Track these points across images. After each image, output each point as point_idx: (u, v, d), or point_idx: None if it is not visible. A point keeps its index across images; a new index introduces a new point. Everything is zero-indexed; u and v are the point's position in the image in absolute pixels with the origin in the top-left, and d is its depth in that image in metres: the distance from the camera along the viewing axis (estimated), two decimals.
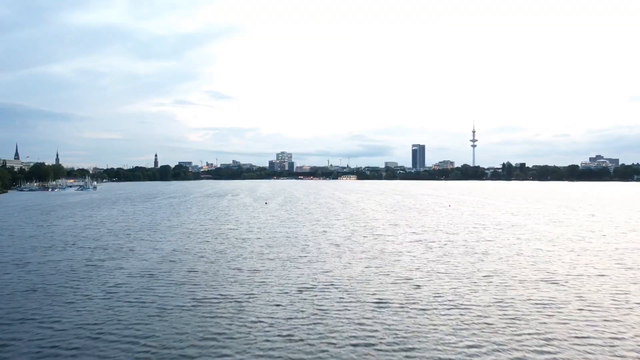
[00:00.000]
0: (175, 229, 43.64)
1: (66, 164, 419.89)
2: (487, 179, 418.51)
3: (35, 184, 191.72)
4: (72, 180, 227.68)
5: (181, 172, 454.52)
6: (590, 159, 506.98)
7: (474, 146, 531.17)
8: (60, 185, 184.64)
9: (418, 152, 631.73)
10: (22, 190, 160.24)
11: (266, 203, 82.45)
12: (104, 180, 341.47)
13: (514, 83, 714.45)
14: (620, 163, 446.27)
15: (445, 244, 33.19)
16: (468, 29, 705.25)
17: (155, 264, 26.42)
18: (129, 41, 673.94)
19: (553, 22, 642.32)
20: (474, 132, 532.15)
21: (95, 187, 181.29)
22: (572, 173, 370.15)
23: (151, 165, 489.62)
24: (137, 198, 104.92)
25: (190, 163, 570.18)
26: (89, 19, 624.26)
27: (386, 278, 22.77)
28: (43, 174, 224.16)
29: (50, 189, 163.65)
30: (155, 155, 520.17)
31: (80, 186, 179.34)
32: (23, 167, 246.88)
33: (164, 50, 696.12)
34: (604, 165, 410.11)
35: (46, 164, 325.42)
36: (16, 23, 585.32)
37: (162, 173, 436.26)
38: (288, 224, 47.43)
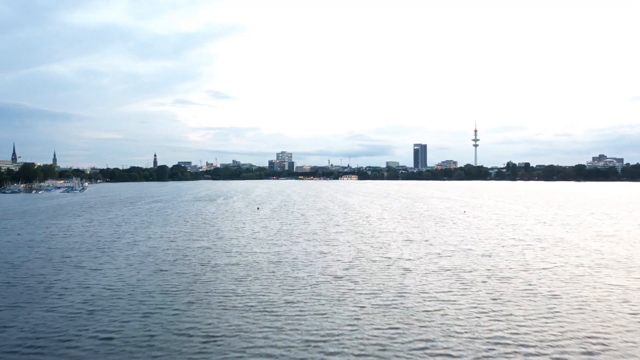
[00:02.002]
0: (134, 247, 34.58)
1: (65, 164, 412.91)
2: (491, 179, 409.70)
3: (21, 186, 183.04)
4: (61, 182, 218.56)
5: (179, 172, 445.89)
6: (594, 158, 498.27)
7: (475, 145, 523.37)
8: (46, 186, 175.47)
9: (420, 152, 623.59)
10: (4, 192, 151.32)
11: (258, 208, 73.44)
12: (99, 180, 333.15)
13: (515, 82, 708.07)
14: (625, 162, 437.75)
15: (488, 277, 24.08)
16: (469, 28, 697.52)
17: (68, 317, 17.38)
18: (129, 41, 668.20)
19: (554, 22, 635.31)
20: (475, 131, 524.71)
21: (83, 189, 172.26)
22: (579, 173, 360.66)
23: (151, 165, 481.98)
24: (120, 202, 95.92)
25: (189, 163, 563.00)
26: (90, 18, 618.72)
27: (418, 355, 13.72)
28: (31, 175, 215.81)
29: (34, 191, 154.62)
30: (155, 155, 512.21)
31: (68, 187, 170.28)
32: (12, 168, 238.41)
33: (165, 49, 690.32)
34: (611, 164, 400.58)
35: (40, 164, 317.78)
36: (16, 22, 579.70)
37: (159, 173, 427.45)
38: (278, 239, 38.37)
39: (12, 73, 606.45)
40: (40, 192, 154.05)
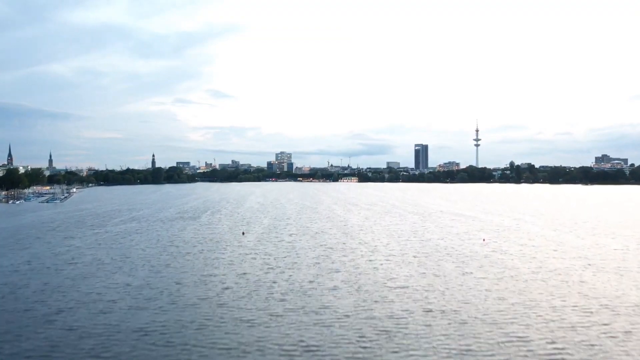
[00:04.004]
0: (49, 325, 24.28)
1: (64, 164, 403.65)
2: (494, 181, 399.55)
3: (2, 193, 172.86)
4: (47, 188, 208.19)
5: (175, 175, 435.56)
6: (597, 158, 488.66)
7: (477, 145, 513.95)
8: (26, 195, 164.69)
9: (421, 152, 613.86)
10: None
11: (243, 233, 63.23)
12: (90, 184, 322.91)
13: (515, 81, 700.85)
14: (629, 163, 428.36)
15: None
16: (469, 28, 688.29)
17: None
18: (129, 40, 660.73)
19: (554, 22, 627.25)
20: (477, 131, 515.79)
21: (66, 198, 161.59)
22: (586, 175, 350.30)
23: (149, 165, 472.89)
24: (92, 219, 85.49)
25: (188, 163, 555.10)
26: (90, 17, 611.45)
27: None
28: (15, 181, 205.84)
29: (11, 201, 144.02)
30: (153, 156, 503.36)
31: (50, 197, 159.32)
32: None
33: (165, 49, 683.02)
34: (618, 167, 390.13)
35: (29, 167, 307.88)
36: (16, 22, 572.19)
37: (155, 176, 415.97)
38: (250, 307, 28.14)
39: (11, 73, 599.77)
40: (18, 202, 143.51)
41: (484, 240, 56.07)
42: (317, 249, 49.99)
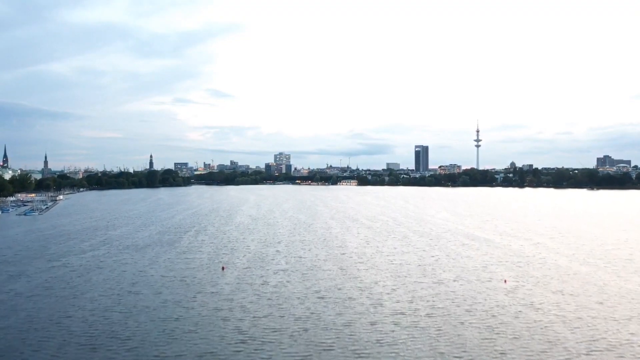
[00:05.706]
0: None
1: (62, 164, 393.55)
2: (497, 184, 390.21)
3: None
4: (33, 195, 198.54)
5: (170, 178, 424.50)
6: (599, 160, 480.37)
7: (478, 146, 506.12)
8: (5, 205, 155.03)
9: (421, 154, 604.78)
10: None
11: (223, 268, 54.18)
12: (82, 189, 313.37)
13: (515, 80, 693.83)
14: (632, 165, 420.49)
15: None
16: (469, 27, 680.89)
17: None
18: (129, 39, 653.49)
19: (554, 21, 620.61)
20: (477, 131, 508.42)
21: (48, 208, 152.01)
22: (591, 179, 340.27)
23: (148, 165, 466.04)
24: (60, 241, 76.20)
25: (186, 164, 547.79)
26: (89, 16, 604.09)
27: None
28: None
29: None
30: (151, 156, 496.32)
31: (29, 208, 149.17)
32: None
33: (165, 48, 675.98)
34: (624, 170, 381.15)
35: (19, 170, 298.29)
36: (15, 21, 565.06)
37: (150, 179, 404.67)
38: None
39: (10, 72, 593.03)
40: None
41: (505, 281, 47.09)
42: (307, 299, 40.84)
